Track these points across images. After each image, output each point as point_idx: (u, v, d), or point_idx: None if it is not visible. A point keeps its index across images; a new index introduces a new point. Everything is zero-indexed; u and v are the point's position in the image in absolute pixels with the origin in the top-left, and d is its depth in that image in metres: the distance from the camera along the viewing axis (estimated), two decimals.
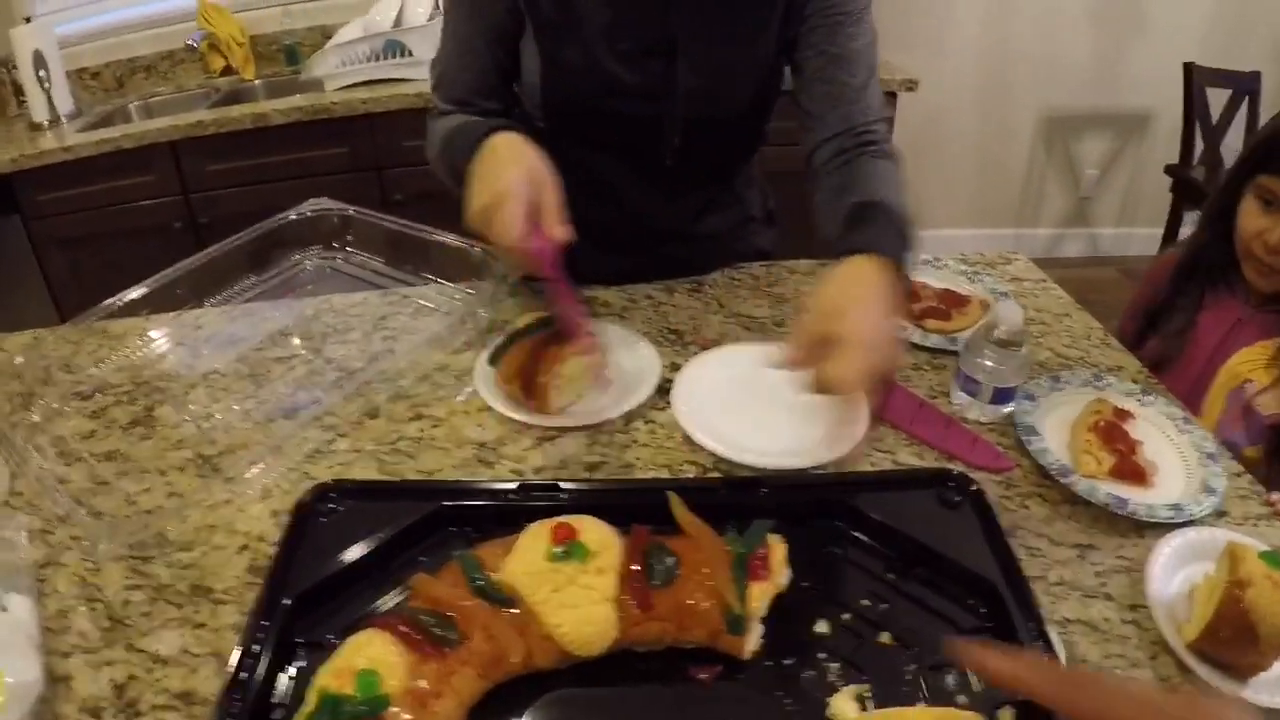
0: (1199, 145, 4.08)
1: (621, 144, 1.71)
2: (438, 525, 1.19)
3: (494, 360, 1.47)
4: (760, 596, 1.04)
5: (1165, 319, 1.85)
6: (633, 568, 1.03)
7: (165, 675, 1.05)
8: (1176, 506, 1.31)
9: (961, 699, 1.00)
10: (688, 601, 1.01)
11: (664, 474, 1.35)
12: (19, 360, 1.55)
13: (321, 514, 1.18)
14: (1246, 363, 1.70)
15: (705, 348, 1.61)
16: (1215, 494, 1.34)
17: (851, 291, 1.21)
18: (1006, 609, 1.07)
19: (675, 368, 1.53)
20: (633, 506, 1.16)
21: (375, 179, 3.75)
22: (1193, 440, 1.47)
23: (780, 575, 1.09)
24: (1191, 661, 1.08)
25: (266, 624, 1.02)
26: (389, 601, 1.09)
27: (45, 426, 1.48)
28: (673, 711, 0.99)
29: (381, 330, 1.70)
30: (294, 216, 1.90)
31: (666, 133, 1.69)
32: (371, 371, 1.53)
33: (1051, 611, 1.15)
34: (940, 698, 1.00)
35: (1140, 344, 1.87)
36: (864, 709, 0.98)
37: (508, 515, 1.17)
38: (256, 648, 0.99)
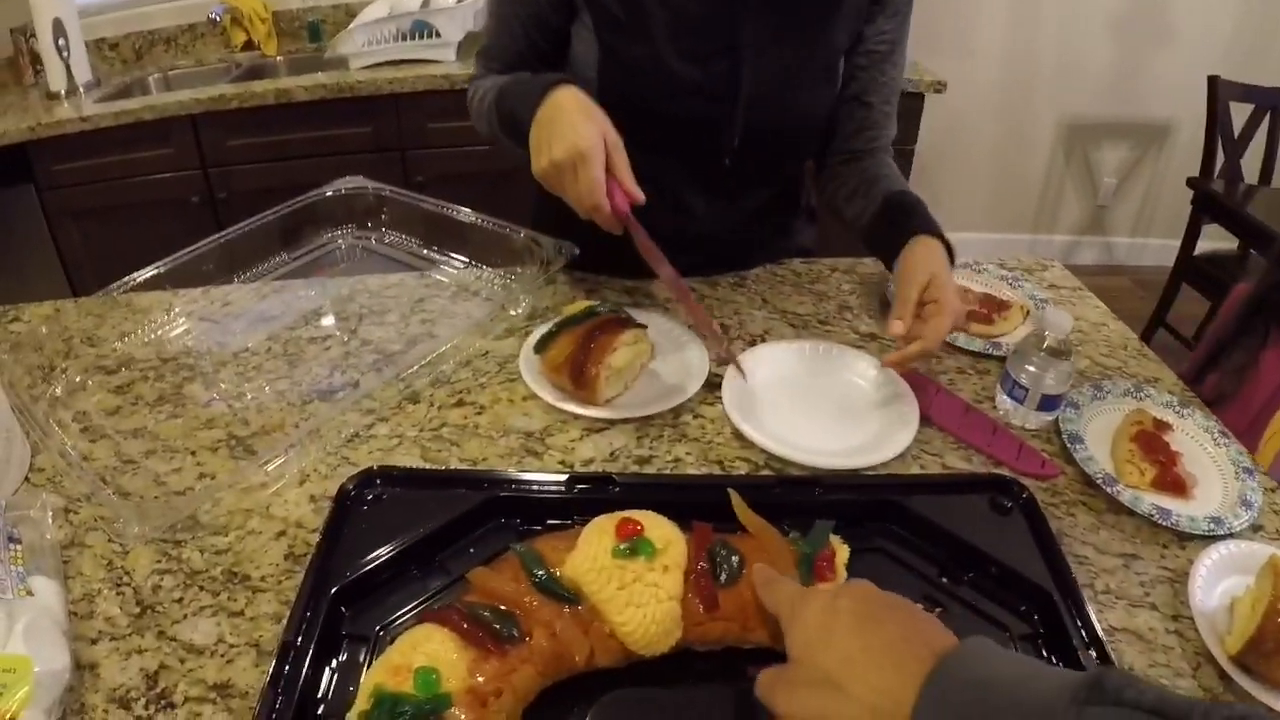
0: (1220, 159, 4.05)
1: (679, 143, 1.68)
2: (486, 516, 1.15)
3: (540, 348, 1.44)
4: None
5: (1227, 355, 1.78)
6: (700, 565, 1.00)
7: (200, 665, 1.01)
8: (1216, 520, 1.31)
9: None
10: (753, 601, 0.98)
11: (715, 470, 1.33)
12: (43, 330, 1.48)
13: (365, 501, 1.14)
14: None
15: (750, 343, 1.61)
16: (1252, 508, 1.33)
17: (934, 266, 1.45)
18: (1059, 616, 1.06)
19: (722, 363, 1.50)
20: (687, 503, 1.13)
21: (398, 159, 3.70)
22: (1229, 454, 1.46)
23: (841, 577, 1.06)
24: (1234, 672, 1.08)
25: (310, 615, 0.98)
26: (436, 594, 1.06)
27: (67, 401, 1.43)
28: (734, 713, 0.96)
29: (419, 313, 1.66)
30: (328, 194, 1.87)
31: (726, 135, 1.67)
32: (412, 355, 1.49)
33: (1099, 619, 1.13)
34: None
35: (1200, 378, 1.81)
36: None
37: (559, 508, 1.16)
38: (300, 639, 0.95)
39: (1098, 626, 1.04)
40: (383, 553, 1.07)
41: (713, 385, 1.47)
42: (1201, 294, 3.95)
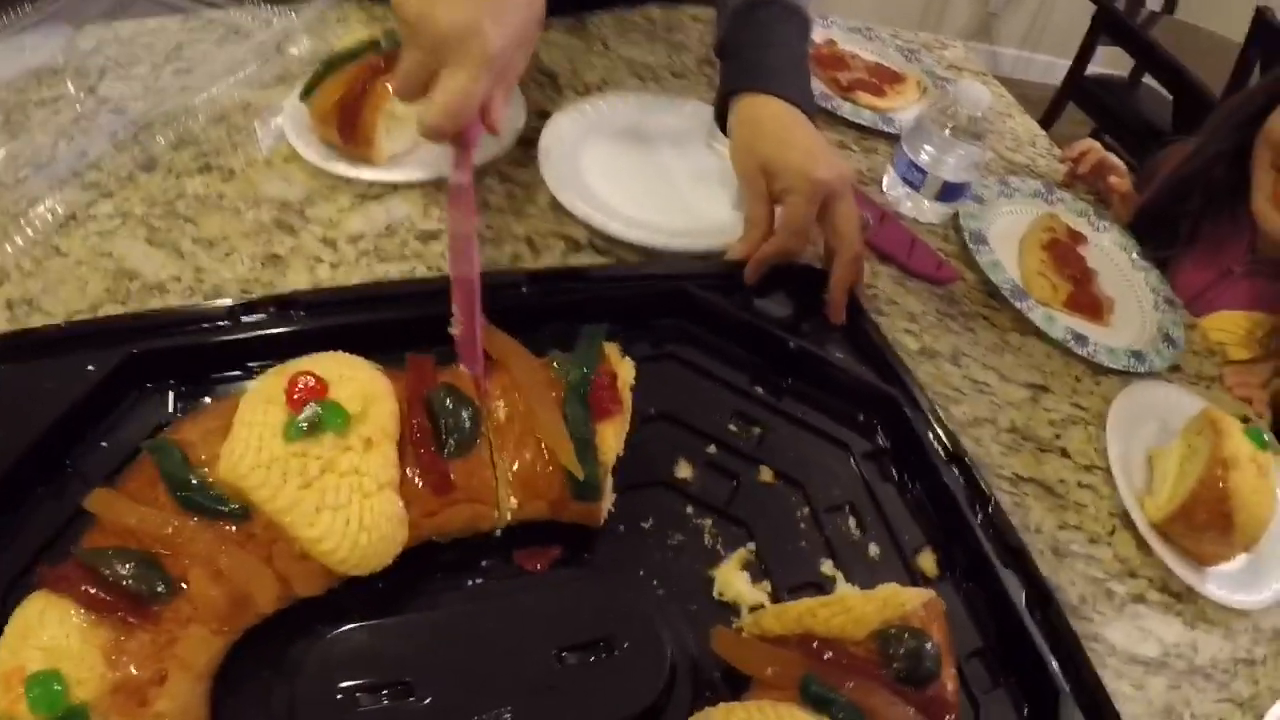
0: None
1: None
2: (128, 383, 0.81)
3: (306, 93, 1.12)
4: (614, 438, 0.76)
5: (1146, 239, 1.43)
6: (415, 425, 0.71)
7: None
8: (1138, 354, 1.17)
9: (874, 549, 0.82)
10: (513, 467, 0.73)
11: (523, 248, 1.08)
12: None
13: None
14: (1223, 330, 1.35)
15: (581, 93, 1.33)
16: (1175, 344, 1.21)
17: (766, 149, 1.06)
18: (909, 424, 0.89)
19: (543, 116, 1.23)
20: (411, 323, 0.85)
21: None
22: (1148, 280, 1.31)
23: (628, 404, 0.80)
24: (1154, 542, 0.97)
25: None
26: (73, 521, 0.71)
27: None
28: (506, 624, 0.69)
29: (174, 62, 1.29)
30: None
31: None
32: (153, 111, 1.18)
33: (1001, 465, 1.00)
34: (847, 550, 0.82)
35: None
36: (758, 580, 0.78)
37: (225, 355, 0.84)
38: None
39: (958, 436, 0.90)
40: None
41: (529, 141, 1.19)
42: (1088, 115, 3.84)
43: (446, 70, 0.80)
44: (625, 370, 0.79)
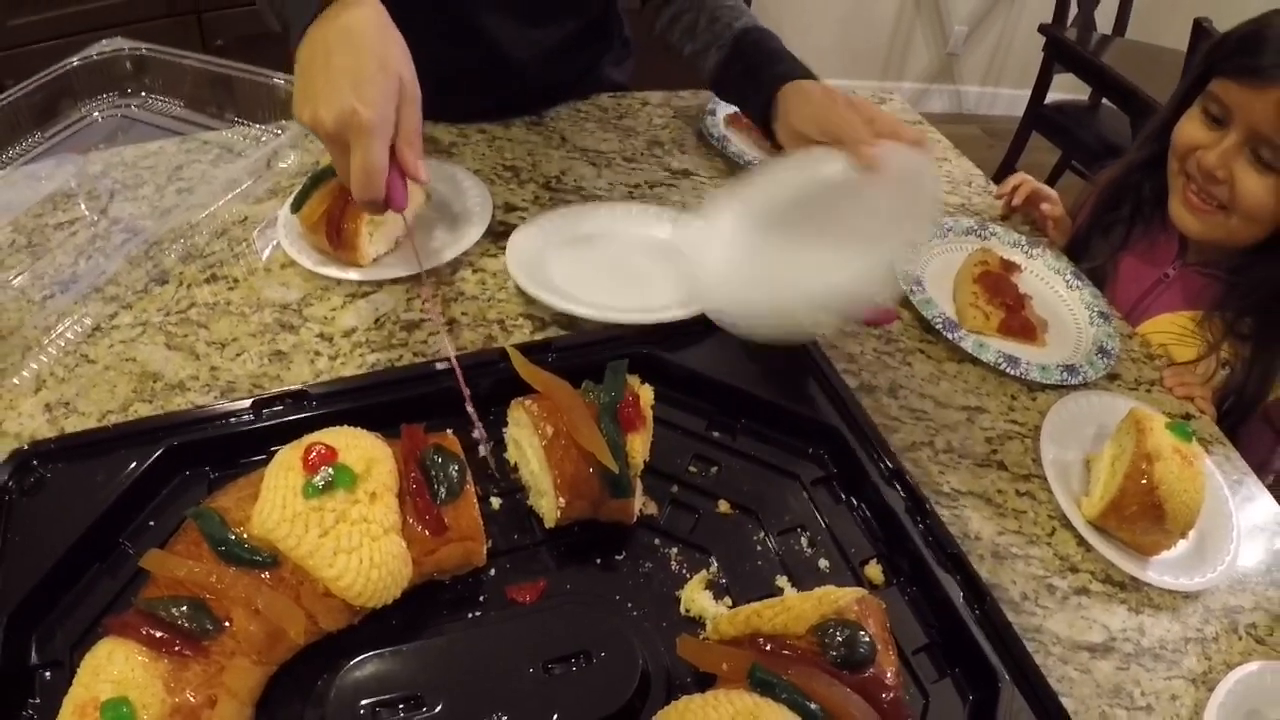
0: (1073, 9, 3.95)
1: None
2: (168, 472, 0.92)
3: (297, 206, 1.24)
4: (641, 446, 0.89)
5: (1084, 253, 1.55)
6: (411, 479, 0.83)
7: None
8: (1070, 368, 1.22)
9: (823, 563, 0.90)
10: (561, 474, 0.85)
11: (495, 329, 1.18)
12: None
13: (27, 489, 0.89)
14: (1164, 332, 1.41)
15: (543, 185, 1.42)
16: (1109, 355, 1.25)
17: (815, 104, 1.20)
18: (851, 451, 0.97)
19: (509, 209, 1.33)
20: (404, 401, 0.97)
21: (195, 24, 3.31)
22: (1082, 298, 1.37)
23: (650, 421, 0.92)
24: (1092, 538, 1.02)
25: None
26: (126, 588, 0.84)
27: None
28: (500, 645, 0.79)
29: (176, 182, 1.41)
30: (76, 62, 1.57)
31: None
32: (161, 230, 1.28)
33: (939, 482, 1.06)
34: (799, 565, 0.90)
35: None
36: (720, 597, 0.86)
37: (251, 442, 0.95)
38: None
39: (899, 458, 0.96)
40: (55, 551, 0.83)
41: (497, 234, 1.29)
42: (1052, 142, 3.89)
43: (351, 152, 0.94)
44: (645, 394, 0.93)
